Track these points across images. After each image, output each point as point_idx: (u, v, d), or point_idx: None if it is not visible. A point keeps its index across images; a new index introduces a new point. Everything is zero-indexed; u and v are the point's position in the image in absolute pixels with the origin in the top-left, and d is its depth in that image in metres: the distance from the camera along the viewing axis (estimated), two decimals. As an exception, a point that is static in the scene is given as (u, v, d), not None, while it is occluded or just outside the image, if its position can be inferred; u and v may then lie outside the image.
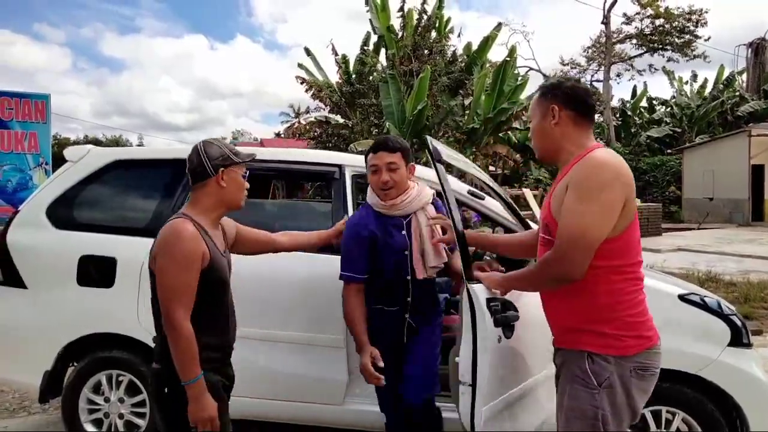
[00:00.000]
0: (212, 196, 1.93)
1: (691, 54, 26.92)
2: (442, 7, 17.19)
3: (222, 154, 1.93)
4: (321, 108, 18.47)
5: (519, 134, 20.17)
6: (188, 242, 1.80)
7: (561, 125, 1.83)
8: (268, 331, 2.88)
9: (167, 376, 1.86)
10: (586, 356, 1.76)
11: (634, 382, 1.75)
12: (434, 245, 2.37)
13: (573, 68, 30.62)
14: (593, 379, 1.74)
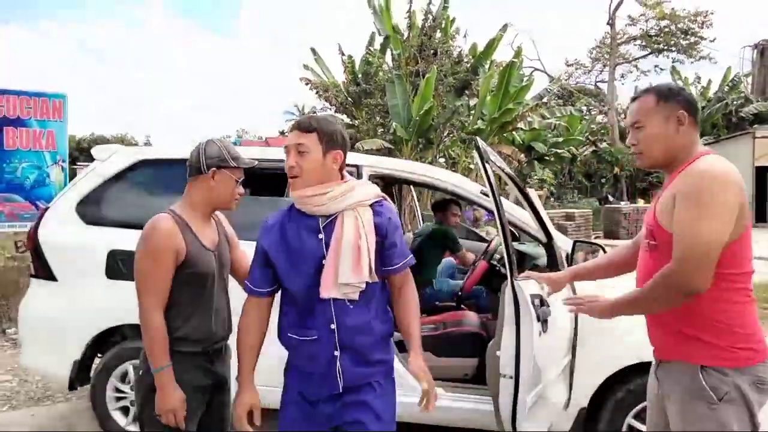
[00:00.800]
0: (201, 193, 2.01)
1: (696, 55, 26.98)
2: (447, 7, 17.29)
3: (219, 155, 1.99)
4: (327, 108, 18.60)
5: (524, 135, 20.27)
6: (161, 237, 1.89)
7: (687, 131, 1.79)
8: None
9: (144, 361, 1.97)
10: (699, 369, 1.68)
11: (754, 397, 1.66)
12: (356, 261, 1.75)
13: (578, 69, 30.70)
14: (711, 394, 1.65)
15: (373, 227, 1.80)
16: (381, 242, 1.82)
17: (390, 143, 15.41)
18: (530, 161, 20.22)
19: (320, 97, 17.48)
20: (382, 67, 16.94)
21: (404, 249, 1.88)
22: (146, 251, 1.90)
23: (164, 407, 1.88)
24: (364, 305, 1.81)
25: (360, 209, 1.81)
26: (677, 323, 1.73)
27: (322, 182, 1.81)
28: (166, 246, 1.89)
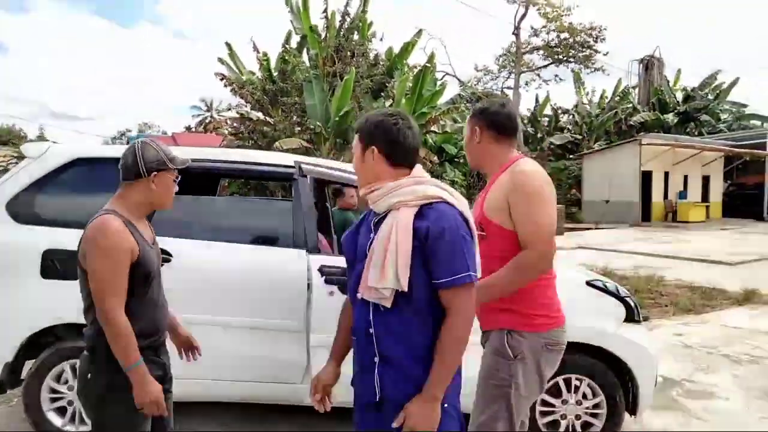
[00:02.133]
0: (140, 194, 2.01)
1: (592, 67, 29.16)
2: (365, 11, 17.60)
3: (158, 158, 2.00)
4: (242, 105, 18.31)
5: (436, 137, 21.03)
6: (116, 237, 1.88)
7: (483, 142, 2.22)
8: (235, 318, 3.14)
9: (90, 363, 1.96)
10: (506, 333, 2.08)
11: (545, 356, 2.09)
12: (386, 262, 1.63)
13: (486, 75, 32.17)
14: (510, 352, 2.06)
15: (410, 230, 1.64)
16: (420, 248, 1.64)
17: (308, 142, 15.47)
18: (442, 163, 20.98)
19: (235, 93, 17.19)
20: (300, 66, 16.96)
21: (452, 263, 1.63)
22: (103, 252, 1.87)
23: (146, 399, 1.90)
24: (400, 314, 1.67)
25: (403, 210, 1.68)
26: (494, 302, 2.09)
27: (372, 179, 1.77)
28: (122, 245, 1.89)
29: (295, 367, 3.14)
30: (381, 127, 1.76)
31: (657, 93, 29.83)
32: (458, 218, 1.69)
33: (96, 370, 1.95)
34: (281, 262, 3.17)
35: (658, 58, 31.74)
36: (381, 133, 1.76)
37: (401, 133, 1.76)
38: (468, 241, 1.69)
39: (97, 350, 1.94)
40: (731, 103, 30.96)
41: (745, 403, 4.12)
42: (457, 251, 1.65)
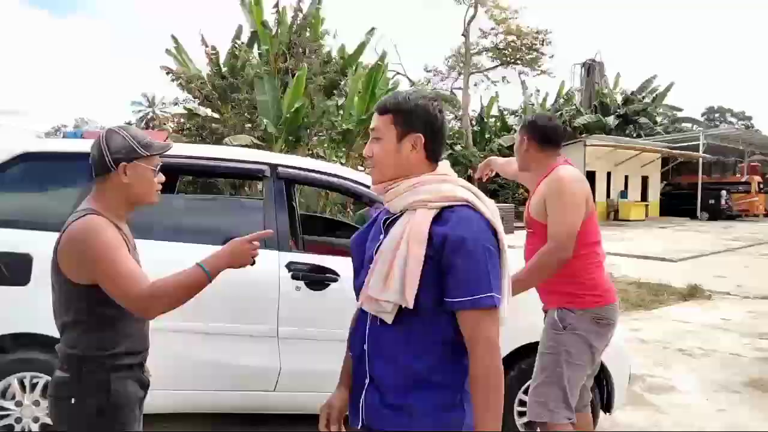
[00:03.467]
0: (115, 192, 1.74)
1: (538, 69, 29.91)
2: (319, 7, 17.37)
3: (125, 146, 1.71)
4: (190, 100, 17.70)
5: (388, 136, 21.02)
6: (110, 233, 1.65)
7: (530, 150, 2.53)
8: (203, 324, 2.96)
9: (75, 386, 1.70)
10: (557, 310, 2.43)
11: (593, 329, 2.38)
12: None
13: (436, 75, 32.45)
14: (559, 324, 2.40)
15: (424, 236, 1.38)
16: (435, 259, 1.37)
17: (259, 140, 15.11)
18: (394, 162, 21.02)
19: (183, 88, 16.60)
20: (250, 62, 16.55)
21: (471, 281, 1.35)
22: (110, 246, 1.61)
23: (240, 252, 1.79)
24: (400, 333, 1.42)
25: (420, 211, 1.42)
26: (548, 284, 2.44)
27: (401, 173, 1.47)
28: (117, 237, 1.66)
29: (267, 374, 3.00)
30: (425, 111, 1.46)
31: (599, 96, 30.95)
32: (484, 227, 1.40)
33: (81, 393, 1.70)
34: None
35: (599, 62, 32.96)
36: (425, 119, 1.46)
37: (444, 124, 1.51)
38: (493, 256, 1.39)
39: (81, 371, 1.70)
40: (667, 107, 32.56)
41: (705, 396, 4.26)
42: (479, 267, 1.35)
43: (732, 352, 5.40)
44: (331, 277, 3.01)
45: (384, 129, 1.48)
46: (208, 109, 17.34)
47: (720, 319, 6.76)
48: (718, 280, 9.36)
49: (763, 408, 4.03)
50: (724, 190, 25.68)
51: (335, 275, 3.01)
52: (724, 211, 25.02)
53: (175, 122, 20.04)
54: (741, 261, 12.21)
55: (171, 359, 2.90)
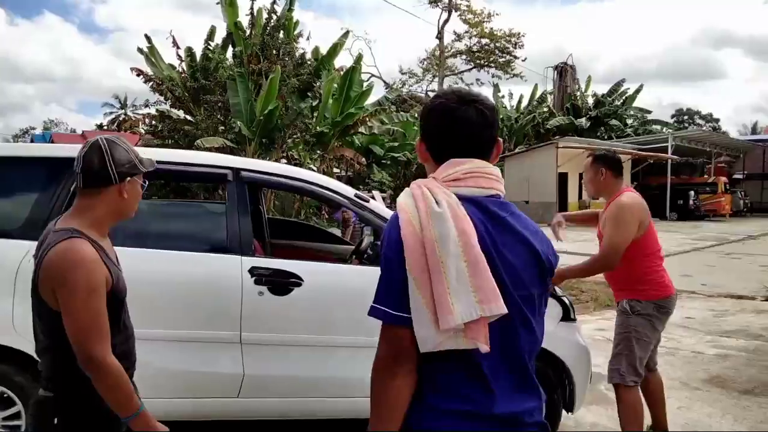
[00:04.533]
0: (108, 205, 1.68)
1: (510, 72, 30.29)
2: (292, 9, 17.31)
3: (129, 160, 1.69)
4: (161, 102, 17.48)
5: (363, 138, 21.03)
6: (91, 268, 1.57)
7: (606, 179, 3.23)
8: (165, 330, 2.92)
9: (60, 405, 1.66)
10: (627, 300, 3.16)
11: (656, 315, 3.13)
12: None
13: (411, 77, 32.60)
14: (629, 309, 3.13)
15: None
16: None
17: (232, 142, 14.99)
18: (369, 164, 21.03)
19: (155, 90, 16.37)
20: (223, 64, 16.41)
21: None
22: (82, 289, 1.54)
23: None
24: None
25: None
26: (617, 283, 3.27)
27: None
28: (98, 277, 1.59)
29: (230, 380, 2.97)
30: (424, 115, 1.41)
31: (570, 98, 31.44)
32: (387, 233, 1.27)
33: (65, 412, 1.66)
34: (214, 268, 2.99)
35: (571, 66, 33.51)
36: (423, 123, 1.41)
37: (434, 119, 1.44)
38: (382, 259, 1.25)
39: (66, 390, 1.65)
40: (636, 109, 33.24)
41: (666, 394, 4.34)
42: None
43: (694, 350, 5.53)
44: (295, 281, 3.00)
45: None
46: (181, 111, 17.14)
47: (684, 317, 6.92)
48: (685, 279, 9.58)
49: (720, 404, 4.14)
50: (692, 191, 26.30)
51: (299, 280, 3.00)
52: (692, 211, 25.62)
53: (147, 124, 19.77)
54: (707, 260, 12.52)
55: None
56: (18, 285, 2.77)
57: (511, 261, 1.24)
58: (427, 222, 1.20)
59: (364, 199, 3.29)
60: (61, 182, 2.99)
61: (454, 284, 1.16)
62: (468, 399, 1.23)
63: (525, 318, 1.26)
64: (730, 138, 33.70)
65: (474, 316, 1.16)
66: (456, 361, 1.21)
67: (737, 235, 18.18)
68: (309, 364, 3.04)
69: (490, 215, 1.26)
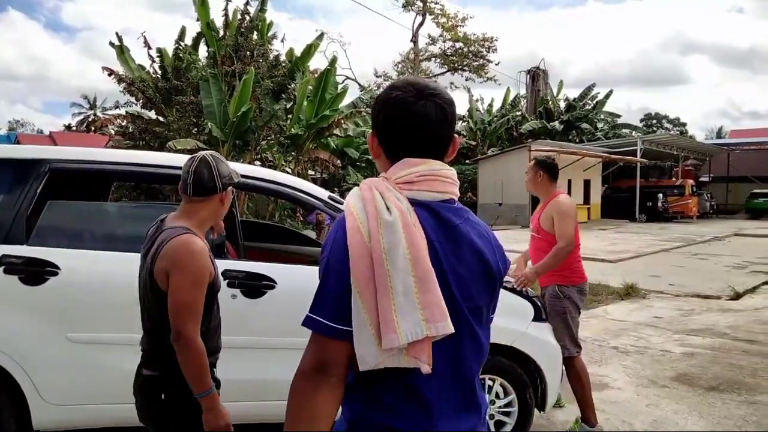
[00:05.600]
0: (210, 211, 2.00)
1: (484, 76, 30.59)
2: (264, 10, 17.18)
3: (229, 173, 2.01)
4: (132, 102, 17.18)
5: (338, 141, 20.98)
6: (201, 259, 1.86)
7: (542, 181, 3.74)
8: (134, 335, 2.87)
9: (165, 382, 1.90)
10: (557, 286, 3.62)
11: (578, 297, 3.66)
12: None
13: (386, 80, 32.63)
14: (561, 294, 3.61)
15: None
16: None
17: (205, 144, 14.80)
18: (345, 166, 20.99)
19: (125, 91, 16.08)
20: (196, 64, 16.20)
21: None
22: (189, 276, 1.83)
23: (219, 425, 1.86)
24: None
25: None
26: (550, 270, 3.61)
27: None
28: (206, 268, 1.88)
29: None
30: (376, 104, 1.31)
31: (543, 102, 31.87)
32: (333, 237, 1.18)
33: (170, 389, 1.89)
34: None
35: (543, 70, 33.99)
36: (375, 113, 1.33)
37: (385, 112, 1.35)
38: (324, 264, 1.17)
39: (170, 368, 1.87)
40: (607, 113, 33.85)
41: (635, 392, 4.45)
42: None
43: (662, 349, 5.66)
44: (269, 284, 2.99)
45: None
46: (152, 112, 16.87)
47: (653, 317, 7.08)
48: (653, 280, 9.80)
49: (686, 401, 4.25)
50: (660, 193, 26.89)
51: (272, 282, 2.98)
52: (661, 213, 26.20)
53: (117, 125, 19.40)
54: (675, 260, 12.82)
55: (102, 372, 2.81)
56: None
57: (461, 273, 1.17)
58: (377, 231, 1.11)
59: (339, 202, 3.29)
60: (27, 185, 2.93)
61: (400, 300, 1.08)
62: (407, 418, 1.16)
63: (471, 330, 1.21)
64: (696, 142, 34.55)
65: (419, 335, 1.08)
66: (395, 378, 1.14)
67: (703, 236, 18.66)
68: (283, 367, 3.01)
69: (443, 222, 1.19)
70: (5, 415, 2.74)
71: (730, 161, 33.99)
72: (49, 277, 2.78)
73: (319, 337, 1.13)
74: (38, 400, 2.74)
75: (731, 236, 19.17)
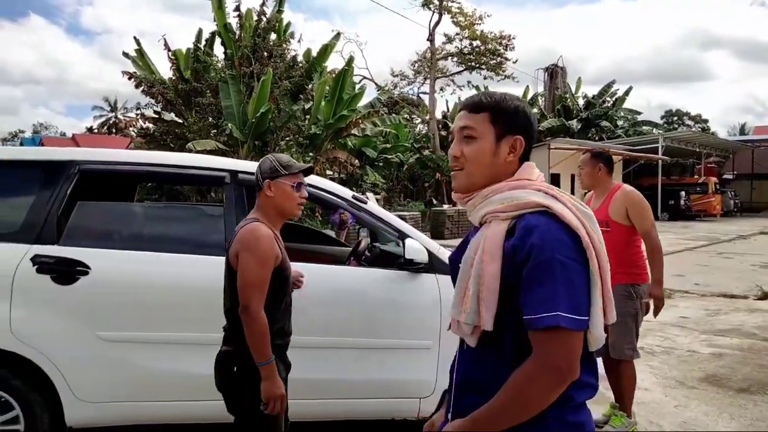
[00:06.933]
0: (265, 204, 2.24)
1: (502, 74, 30.34)
2: (281, 10, 17.26)
3: (270, 167, 2.22)
4: (153, 105, 17.39)
5: (356, 140, 21.01)
6: (266, 242, 2.11)
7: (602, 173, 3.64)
8: (167, 333, 2.90)
9: (236, 357, 2.14)
10: (629, 286, 3.48)
11: (643, 297, 3.52)
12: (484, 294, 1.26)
13: (402, 80, 32.60)
14: (634, 295, 3.50)
15: (498, 251, 1.26)
16: (511, 276, 1.24)
17: (225, 145, 14.94)
18: (362, 166, 21.01)
19: (146, 93, 16.29)
20: (214, 66, 16.34)
21: (537, 296, 1.19)
22: (254, 256, 2.08)
23: (274, 393, 2.07)
24: (484, 357, 1.31)
25: (493, 224, 1.30)
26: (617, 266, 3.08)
27: (491, 179, 1.35)
28: (270, 249, 2.12)
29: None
30: (525, 113, 1.37)
31: (561, 100, 31.58)
32: (559, 236, 1.22)
33: (241, 364, 2.12)
34: (216, 271, 2.96)
35: (562, 67, 33.69)
36: (525, 122, 1.37)
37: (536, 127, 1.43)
38: (568, 269, 1.19)
39: (242, 346, 2.10)
40: (627, 111, 33.44)
41: (663, 393, 4.38)
42: (547, 280, 1.18)
43: (689, 349, 5.56)
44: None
45: (480, 128, 1.35)
46: (172, 114, 17.05)
47: (679, 317, 6.96)
48: (678, 279, 9.65)
49: (716, 403, 4.17)
50: (682, 191, 26.49)
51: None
52: (683, 211, 25.81)
53: (138, 127, 19.65)
54: (699, 259, 12.61)
55: (132, 370, 2.85)
56: (15, 289, 2.75)
57: None
58: (588, 225, 1.27)
59: (362, 201, 3.28)
60: (57, 186, 2.97)
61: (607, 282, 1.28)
62: (588, 386, 1.29)
63: None
64: (719, 138, 34.00)
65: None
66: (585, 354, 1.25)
67: (728, 235, 18.33)
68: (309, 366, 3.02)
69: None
70: (39, 411, 2.78)
71: (755, 158, 33.34)
72: (79, 277, 2.82)
73: (573, 333, 1.19)
74: (70, 397, 2.78)
75: (757, 235, 18.81)
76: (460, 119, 1.39)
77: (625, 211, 3.46)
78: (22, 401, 2.77)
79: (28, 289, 2.78)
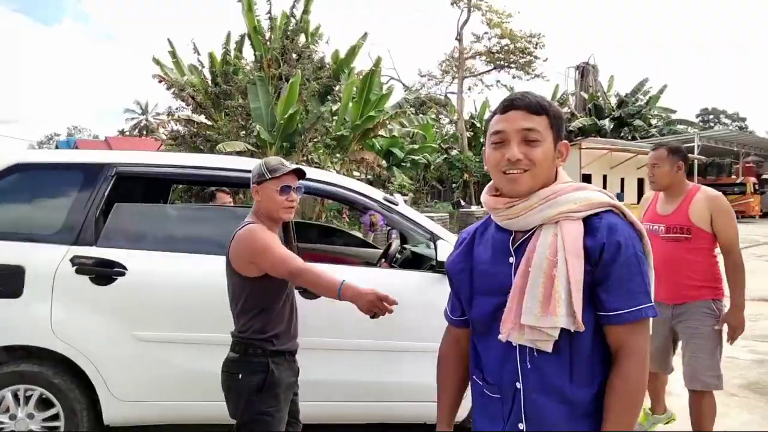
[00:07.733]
0: (257, 208, 2.30)
1: (532, 73, 29.98)
2: (308, 11, 17.37)
3: (258, 172, 2.26)
4: (183, 107, 17.68)
5: (383, 141, 21.01)
6: (260, 232, 2.18)
7: (681, 173, 3.16)
8: (202, 334, 2.93)
9: (241, 363, 2.20)
10: (712, 302, 3.08)
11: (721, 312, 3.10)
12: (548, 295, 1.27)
13: (430, 80, 32.50)
14: (717, 312, 3.07)
15: (581, 249, 1.27)
16: (591, 273, 1.27)
17: (253, 146, 15.08)
18: (390, 167, 21.00)
19: (176, 96, 16.56)
20: (243, 68, 16.53)
21: (631, 291, 1.26)
22: (264, 242, 2.14)
23: (370, 301, 2.04)
24: (560, 360, 1.30)
25: (567, 224, 1.30)
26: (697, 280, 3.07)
27: (545, 183, 1.35)
28: (270, 235, 2.18)
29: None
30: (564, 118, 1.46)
31: (593, 99, 31.05)
32: (633, 233, 1.32)
33: (247, 371, 2.18)
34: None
35: (593, 65, 33.11)
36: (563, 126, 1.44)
37: None
38: (644, 263, 1.30)
39: (247, 353, 2.19)
40: (661, 109, 32.66)
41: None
42: (635, 275, 1.27)
43: (729, 356, 5.37)
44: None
45: (544, 131, 1.34)
46: (202, 116, 17.30)
47: (716, 321, 6.75)
48: (714, 282, 9.36)
49: (759, 411, 4.03)
50: (720, 192, 25.78)
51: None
52: (719, 212, 25.07)
53: (169, 130, 20.00)
54: (736, 262, 12.21)
55: (168, 369, 2.89)
56: (56, 289, 2.81)
57: None
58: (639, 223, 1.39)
59: (393, 203, 3.27)
60: (95, 188, 3.03)
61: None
62: None
63: None
64: (758, 137, 32.94)
65: None
66: None
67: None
68: (344, 368, 3.02)
69: None
70: (79, 409, 2.84)
71: (795, 157, 32.23)
72: (117, 278, 2.88)
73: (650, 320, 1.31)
74: (108, 396, 2.84)
75: (797, 236, 18.16)
76: (518, 120, 1.33)
77: (709, 217, 3.03)
78: (62, 399, 2.84)
79: (68, 289, 2.85)
